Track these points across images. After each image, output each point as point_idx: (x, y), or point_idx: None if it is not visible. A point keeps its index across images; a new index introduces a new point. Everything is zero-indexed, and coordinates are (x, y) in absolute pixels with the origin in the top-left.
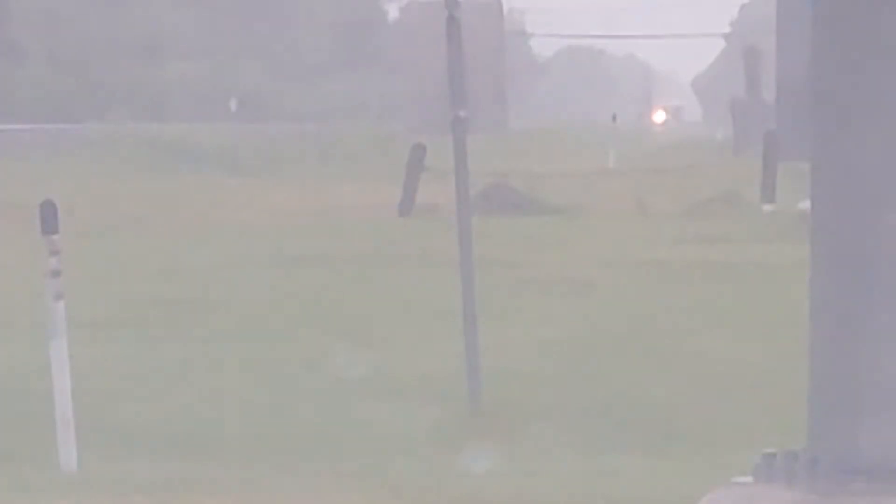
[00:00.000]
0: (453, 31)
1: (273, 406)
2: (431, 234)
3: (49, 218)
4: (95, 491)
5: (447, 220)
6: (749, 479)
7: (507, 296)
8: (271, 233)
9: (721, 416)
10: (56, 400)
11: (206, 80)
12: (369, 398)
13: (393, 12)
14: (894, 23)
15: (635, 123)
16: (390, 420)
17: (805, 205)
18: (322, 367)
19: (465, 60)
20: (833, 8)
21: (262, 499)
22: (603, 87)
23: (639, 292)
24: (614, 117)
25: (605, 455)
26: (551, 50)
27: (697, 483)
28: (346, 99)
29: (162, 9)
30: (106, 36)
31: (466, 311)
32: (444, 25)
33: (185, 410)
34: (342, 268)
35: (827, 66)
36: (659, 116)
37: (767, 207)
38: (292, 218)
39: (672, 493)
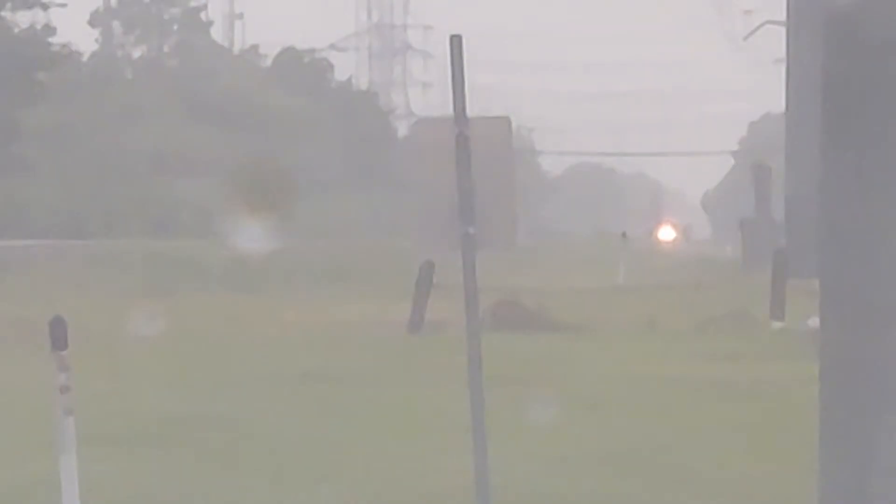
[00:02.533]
0: (463, 147)
1: None
2: (440, 351)
3: (59, 334)
4: None
5: (456, 337)
6: None
7: (516, 413)
8: (280, 349)
9: None
10: None
11: (215, 196)
12: None
13: (402, 129)
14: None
15: (645, 240)
16: None
17: (814, 322)
18: (331, 484)
19: (475, 177)
20: (840, 138)
21: None
22: (612, 204)
23: (648, 410)
24: (624, 234)
25: None
26: (561, 167)
27: None
28: (355, 215)
29: (171, 125)
30: (115, 152)
31: (476, 428)
32: (454, 142)
33: None
34: (351, 384)
35: (835, 193)
36: (667, 234)
37: (777, 325)
38: (301, 334)
39: None
